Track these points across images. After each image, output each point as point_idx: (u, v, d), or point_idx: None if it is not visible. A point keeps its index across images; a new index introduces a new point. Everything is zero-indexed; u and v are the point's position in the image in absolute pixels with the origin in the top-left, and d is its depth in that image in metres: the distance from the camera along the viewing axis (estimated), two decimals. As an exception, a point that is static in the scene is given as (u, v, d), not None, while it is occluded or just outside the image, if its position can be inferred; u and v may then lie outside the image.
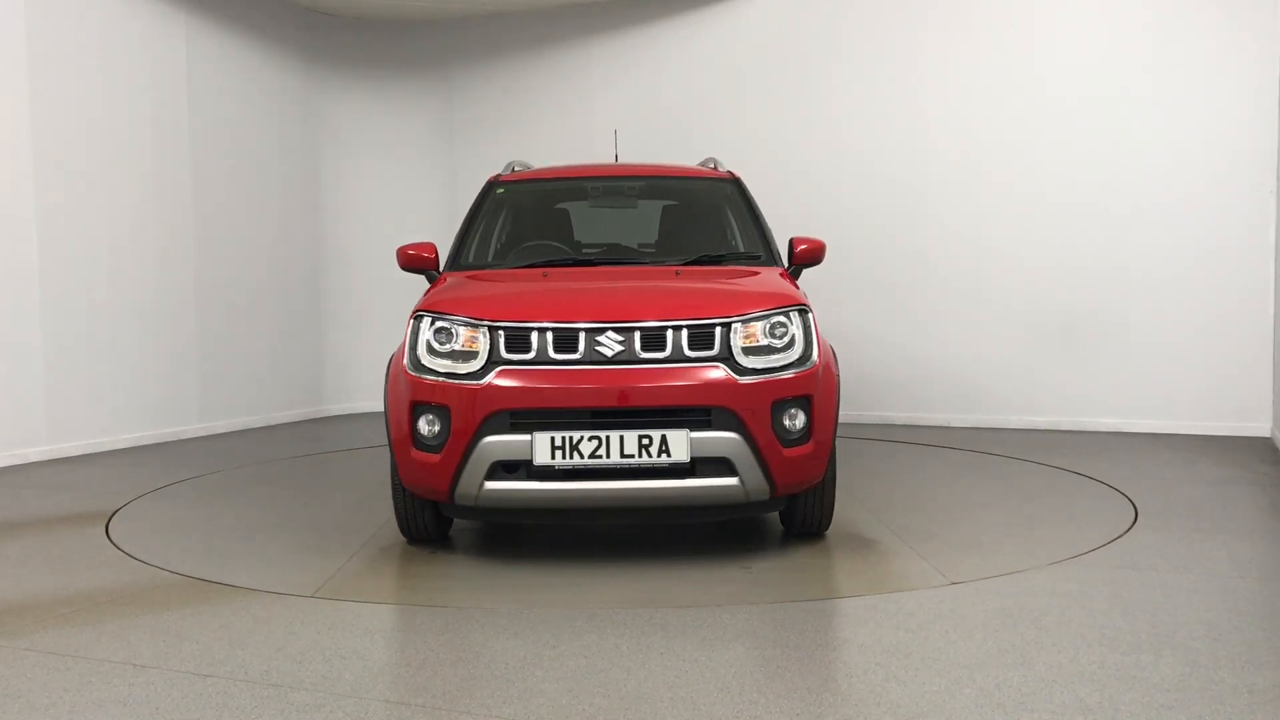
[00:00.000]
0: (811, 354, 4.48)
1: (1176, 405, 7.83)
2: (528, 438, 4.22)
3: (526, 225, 5.94)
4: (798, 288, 4.91)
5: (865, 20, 8.65)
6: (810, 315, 4.59)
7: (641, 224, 6.29)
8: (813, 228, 8.21)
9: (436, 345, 4.44)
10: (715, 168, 6.07)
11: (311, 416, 9.78)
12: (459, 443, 4.28)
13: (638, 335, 4.32)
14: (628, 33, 9.51)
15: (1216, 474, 6.23)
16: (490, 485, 4.28)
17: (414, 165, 10.25)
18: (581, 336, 4.33)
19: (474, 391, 4.28)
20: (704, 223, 5.85)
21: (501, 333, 4.37)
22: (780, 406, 4.33)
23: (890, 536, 4.86)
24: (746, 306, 4.46)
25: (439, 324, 4.47)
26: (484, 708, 2.94)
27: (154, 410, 8.21)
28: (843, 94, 8.74)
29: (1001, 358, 8.34)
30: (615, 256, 5.57)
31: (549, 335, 4.34)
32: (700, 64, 9.23)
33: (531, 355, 4.33)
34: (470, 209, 5.76)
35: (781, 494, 4.43)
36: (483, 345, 4.37)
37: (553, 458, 4.21)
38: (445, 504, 4.52)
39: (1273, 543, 4.67)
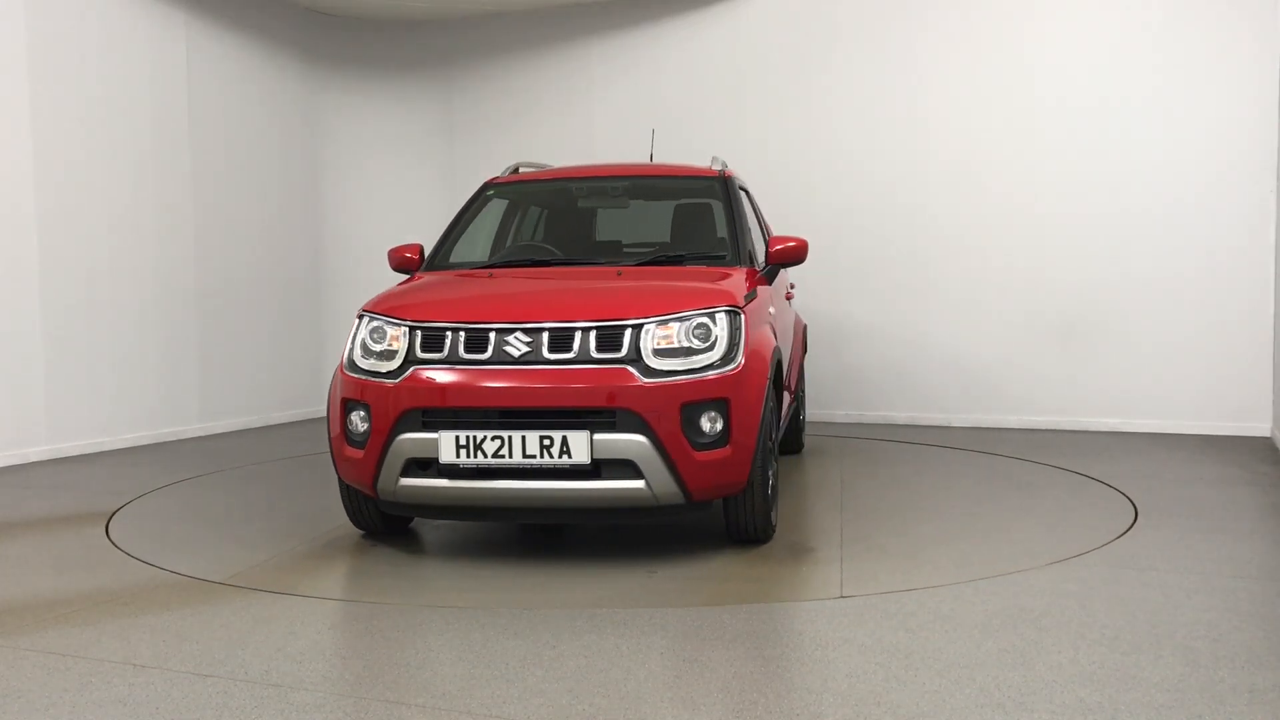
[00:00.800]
0: (735, 356, 4.36)
1: (1176, 405, 7.83)
2: (436, 436, 4.29)
3: (511, 226, 5.99)
4: (753, 288, 4.83)
5: (865, 20, 8.64)
6: (741, 317, 4.46)
7: (632, 224, 6.29)
8: (812, 227, 8.23)
9: (371, 344, 4.58)
10: (713, 166, 6.06)
11: (311, 416, 9.78)
12: (378, 440, 4.40)
13: (545, 336, 4.33)
14: (628, 33, 9.51)
15: (1216, 474, 6.23)
16: (405, 482, 4.40)
17: (414, 165, 10.25)
18: (491, 337, 4.38)
19: (389, 390, 4.40)
20: (680, 222, 5.84)
21: (419, 333, 4.48)
22: (692, 409, 4.24)
23: (833, 545, 4.69)
24: (667, 308, 4.38)
25: (373, 324, 4.61)
26: (484, 708, 2.94)
27: (154, 410, 8.21)
28: (843, 94, 8.74)
29: (1002, 358, 8.34)
30: (571, 257, 5.55)
31: (461, 335, 4.41)
32: (700, 64, 9.23)
33: (443, 355, 4.40)
34: (460, 209, 5.87)
35: (699, 499, 4.32)
36: (402, 345, 4.48)
37: (458, 456, 4.27)
38: (375, 499, 4.62)
39: (1273, 543, 4.67)
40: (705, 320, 4.37)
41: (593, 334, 4.30)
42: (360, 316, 4.69)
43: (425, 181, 10.24)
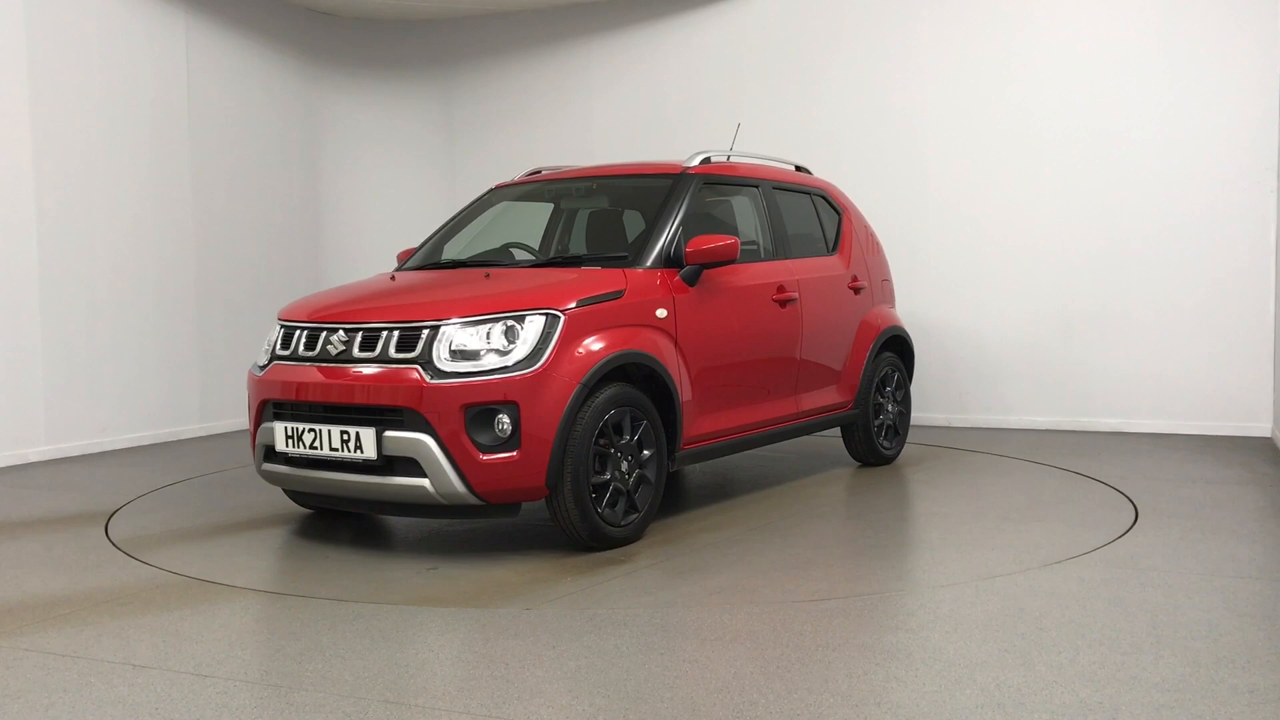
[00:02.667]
0: (537, 360, 4.35)
1: (1176, 405, 7.82)
2: (274, 426, 4.74)
3: (485, 229, 6.07)
4: (620, 289, 4.73)
5: (866, 21, 8.64)
6: (559, 320, 4.45)
7: (632, 223, 6.26)
8: (812, 228, 8.22)
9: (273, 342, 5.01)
10: (689, 162, 5.90)
11: (311, 416, 9.78)
12: (253, 428, 4.93)
13: (359, 336, 4.58)
14: (628, 33, 9.51)
15: (1216, 474, 6.22)
16: (265, 465, 4.89)
17: (414, 165, 10.25)
18: (321, 336, 4.69)
19: (256, 383, 4.91)
20: (616, 222, 5.85)
21: (281, 330, 4.94)
22: (476, 411, 4.30)
23: (657, 560, 4.47)
24: (471, 310, 4.46)
25: (277, 324, 5.09)
26: (484, 708, 2.94)
27: (154, 410, 8.21)
28: (842, 95, 8.74)
29: (1001, 358, 8.33)
30: (482, 259, 5.60)
31: (303, 334, 4.79)
32: (700, 64, 9.22)
33: (289, 352, 4.81)
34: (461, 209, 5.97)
35: (493, 500, 4.38)
36: (273, 341, 4.96)
37: (287, 445, 4.68)
38: None
39: (1273, 543, 4.67)
40: (512, 323, 4.44)
41: (395, 335, 4.50)
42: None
43: (425, 181, 10.23)
